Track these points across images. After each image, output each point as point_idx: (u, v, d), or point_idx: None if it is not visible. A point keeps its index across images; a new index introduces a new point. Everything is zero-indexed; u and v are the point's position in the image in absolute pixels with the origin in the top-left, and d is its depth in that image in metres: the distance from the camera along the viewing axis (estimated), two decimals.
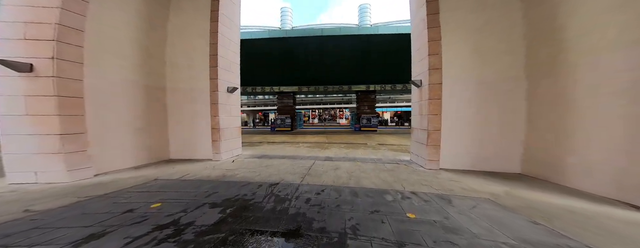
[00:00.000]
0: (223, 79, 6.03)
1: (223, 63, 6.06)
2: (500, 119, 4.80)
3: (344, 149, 8.45)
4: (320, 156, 6.96)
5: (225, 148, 6.16)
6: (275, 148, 8.60)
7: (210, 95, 5.81)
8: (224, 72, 6.07)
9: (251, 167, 5.30)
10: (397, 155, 7.09)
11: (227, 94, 6.23)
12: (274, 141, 11.42)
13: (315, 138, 13.00)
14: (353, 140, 11.57)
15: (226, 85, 6.21)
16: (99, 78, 4.52)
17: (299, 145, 9.60)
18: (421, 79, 5.39)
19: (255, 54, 15.52)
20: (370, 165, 5.57)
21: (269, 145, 9.59)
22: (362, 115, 19.84)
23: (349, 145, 9.75)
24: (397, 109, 33.87)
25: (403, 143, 10.03)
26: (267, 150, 8.09)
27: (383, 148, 8.56)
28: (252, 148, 8.75)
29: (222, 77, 5.97)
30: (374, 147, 9.12)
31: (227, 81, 6.28)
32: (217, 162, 5.74)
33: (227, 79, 6.25)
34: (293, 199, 3.32)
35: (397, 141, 11.20)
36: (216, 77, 5.79)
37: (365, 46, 14.21)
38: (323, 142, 10.75)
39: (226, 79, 6.21)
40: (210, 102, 5.79)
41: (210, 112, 5.81)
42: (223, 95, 6.02)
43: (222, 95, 5.96)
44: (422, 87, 5.38)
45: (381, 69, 16.78)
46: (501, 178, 4.39)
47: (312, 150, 8.32)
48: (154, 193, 3.49)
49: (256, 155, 6.91)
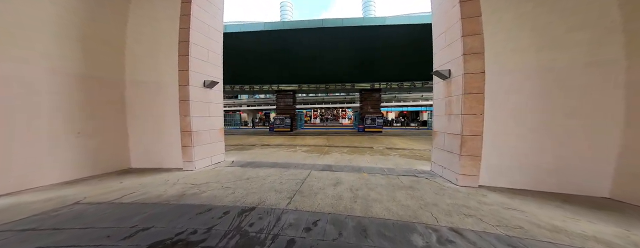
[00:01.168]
0: (197, 70, 4.86)
1: (197, 52, 4.88)
2: (577, 117, 3.38)
3: (347, 154, 7.22)
4: (319, 164, 5.75)
5: (202, 155, 4.98)
6: (267, 153, 7.40)
7: (179, 90, 4.64)
8: (198, 62, 4.90)
9: (227, 181, 4.10)
10: (411, 163, 5.84)
11: (203, 89, 5.06)
12: (269, 144, 10.24)
13: (315, 140, 11.80)
14: (357, 143, 10.33)
15: (202, 78, 5.03)
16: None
17: (295, 149, 8.40)
18: (450, 68, 4.15)
19: (251, 50, 14.40)
20: (381, 178, 4.34)
21: (262, 149, 8.40)
22: (366, 115, 18.59)
23: (352, 149, 8.52)
24: (403, 108, 32.49)
25: (415, 148, 8.76)
26: (258, 156, 6.89)
27: (393, 154, 7.31)
28: (240, 153, 7.56)
29: (195, 69, 4.79)
30: (381, 151, 7.87)
31: (203, 74, 5.10)
32: (187, 173, 4.55)
33: (203, 71, 5.07)
34: (268, 240, 2.14)
35: (407, 144, 9.94)
36: (187, 68, 4.61)
37: (370, 39, 12.96)
38: (323, 145, 9.54)
39: (201, 71, 5.04)
40: (179, 99, 4.61)
41: (180, 111, 4.63)
42: (197, 91, 4.85)
43: (195, 90, 4.78)
44: (450, 78, 4.14)
45: (388, 65, 15.52)
46: (586, 206, 2.99)
47: (310, 155, 7.10)
48: (44, 232, 2.29)
49: (241, 163, 5.72)
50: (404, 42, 12.79)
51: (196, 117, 4.78)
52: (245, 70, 17.10)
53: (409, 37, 12.31)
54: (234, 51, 14.44)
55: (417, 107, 31.15)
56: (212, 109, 5.39)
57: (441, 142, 4.40)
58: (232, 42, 13.61)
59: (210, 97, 5.27)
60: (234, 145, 9.60)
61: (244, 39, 13.31)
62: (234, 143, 10.25)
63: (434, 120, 4.80)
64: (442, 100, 4.41)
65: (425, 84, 17.15)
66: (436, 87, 4.77)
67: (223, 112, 5.87)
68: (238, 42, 13.60)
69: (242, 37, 13.19)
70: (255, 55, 14.98)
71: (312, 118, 41.81)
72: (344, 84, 18.97)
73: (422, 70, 15.57)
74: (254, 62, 15.82)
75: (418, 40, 12.39)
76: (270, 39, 13.24)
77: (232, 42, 13.61)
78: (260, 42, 13.55)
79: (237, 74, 17.68)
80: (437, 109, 4.71)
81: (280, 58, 15.29)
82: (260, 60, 15.56)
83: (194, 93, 4.73)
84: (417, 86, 17.44)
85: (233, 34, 12.97)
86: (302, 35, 12.98)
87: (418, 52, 13.53)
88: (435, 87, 4.81)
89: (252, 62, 15.86)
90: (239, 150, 8.33)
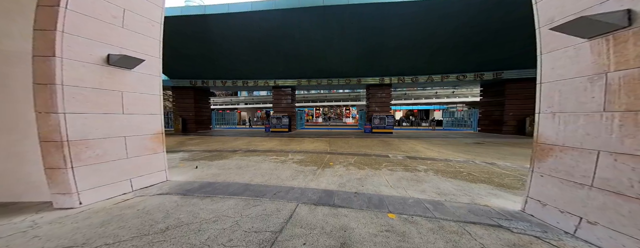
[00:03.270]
0: (86, 34, 2.70)
1: (91, 5, 2.72)
2: None
3: (355, 169, 5.02)
4: (312, 188, 3.60)
5: (103, 179, 2.84)
6: (245, 166, 5.24)
7: (33, 66, 2.46)
8: (91, 23, 2.74)
9: (116, 240, 1.94)
10: (464, 188, 3.60)
11: (104, 68, 2.90)
12: (256, 149, 8.09)
13: (315, 144, 9.61)
14: (366, 149, 8.11)
15: (102, 49, 2.87)
16: None
17: (286, 159, 6.23)
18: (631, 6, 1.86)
19: (240, 36, 12.26)
20: (429, 230, 2.22)
21: (242, 158, 6.24)
22: (373, 114, 16.34)
23: (361, 158, 6.31)
24: (413, 107, 30.05)
25: (449, 157, 6.51)
26: (227, 171, 4.74)
27: (422, 167, 5.08)
28: (207, 164, 5.39)
29: (81, 31, 2.64)
30: (403, 163, 5.63)
31: (107, 43, 2.94)
32: (56, 216, 2.41)
33: (105, 38, 2.92)
34: None
35: (433, 151, 7.68)
36: (53, 26, 2.45)
37: (381, 19, 10.69)
38: (323, 152, 7.35)
39: (102, 38, 2.88)
40: (34, 81, 2.45)
41: (35, 104, 2.47)
42: (86, 70, 2.69)
43: (80, 68, 2.63)
44: (631, 27, 1.85)
45: (401, 55, 13.22)
46: None
47: (303, 169, 4.92)
48: None
49: (189, 187, 3.56)
50: (423, 22, 10.49)
51: (82, 116, 2.63)
52: (236, 63, 14.99)
53: (429, 15, 10.00)
54: (221, 39, 12.37)
55: (429, 105, 28.73)
56: (132, 102, 3.24)
57: (576, 168, 2.13)
58: (217, 28, 11.51)
59: (124, 82, 3.12)
60: (210, 152, 7.47)
61: (231, 23, 11.17)
62: (211, 149, 8.12)
63: (543, 123, 2.52)
64: (585, 83, 2.12)
65: (446, 77, 14.79)
66: (546, 60, 2.50)
67: (162, 107, 3.72)
68: (224, 28, 11.48)
69: (228, 20, 11.05)
70: (245, 44, 12.85)
71: (315, 117, 39.65)
72: (349, 78, 16.72)
73: (445, 59, 13.21)
74: (243, 51, 13.69)
75: (443, 18, 10.08)
76: (262, 23, 11.08)
77: (217, 28, 11.51)
78: (250, 27, 11.39)
79: (226, 67, 15.60)
80: (549, 100, 2.43)
81: (276, 47, 13.12)
82: (253, 50, 13.42)
83: (75, 72, 2.58)
84: (435, 80, 15.08)
85: (215, 16, 10.85)
86: (299, 18, 10.79)
87: (440, 36, 11.20)
88: (543, 61, 2.53)
89: (242, 52, 13.73)
90: (209, 159, 6.18)
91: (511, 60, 12.72)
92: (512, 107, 13.82)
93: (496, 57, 12.65)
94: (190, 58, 14.37)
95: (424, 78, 15.27)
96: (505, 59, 12.71)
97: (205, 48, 13.25)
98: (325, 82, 17.14)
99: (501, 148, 8.36)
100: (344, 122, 37.15)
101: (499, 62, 13.05)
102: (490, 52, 12.29)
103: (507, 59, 12.65)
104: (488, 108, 16.13)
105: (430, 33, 11.09)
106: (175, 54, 13.84)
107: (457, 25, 10.52)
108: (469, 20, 10.16)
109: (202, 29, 11.55)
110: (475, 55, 12.68)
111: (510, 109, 13.86)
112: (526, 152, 7.36)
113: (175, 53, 13.66)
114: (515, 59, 12.43)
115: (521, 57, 12.18)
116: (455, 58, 13.20)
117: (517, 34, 10.41)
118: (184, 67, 15.60)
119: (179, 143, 10.06)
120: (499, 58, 12.73)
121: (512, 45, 11.44)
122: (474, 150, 7.69)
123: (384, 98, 16.76)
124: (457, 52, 12.59)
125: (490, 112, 15.75)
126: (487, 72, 13.97)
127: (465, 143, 9.75)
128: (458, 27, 10.62)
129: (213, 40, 12.52)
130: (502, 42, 11.37)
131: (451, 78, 14.72)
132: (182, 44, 12.70)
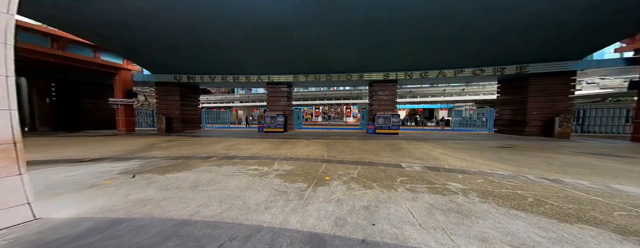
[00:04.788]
0: None
1: None
2: None
3: (360, 187, 3.44)
4: (289, 230, 2.11)
5: None
6: (204, 182, 3.66)
7: None
8: None
9: None
10: (552, 229, 1.99)
11: None
12: (236, 155, 6.54)
13: (310, 147, 8.05)
14: (371, 155, 6.53)
15: None
16: None
17: (269, 170, 4.66)
18: None
19: (228, 26, 10.65)
20: None
21: (209, 169, 4.66)
22: (377, 113, 14.77)
23: (367, 169, 4.72)
24: (418, 105, 28.40)
25: (475, 164, 4.91)
26: (167, 193, 3.16)
27: (454, 185, 3.50)
28: (148, 182, 3.78)
29: None
30: (425, 178, 4.03)
31: None
32: None
33: None
34: None
35: (454, 157, 6.08)
36: None
37: (388, 3, 9.09)
38: (318, 159, 5.78)
39: None
40: None
41: None
42: None
43: None
44: None
45: (410, 47, 11.60)
46: None
47: (287, 188, 3.35)
48: None
49: (50, 241, 1.97)
50: (436, 9, 8.87)
51: None
52: (225, 56, 13.41)
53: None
54: (207, 27, 10.64)
55: (435, 104, 27.11)
56: None
57: None
58: (204, 16, 9.83)
59: None
60: (174, 159, 5.91)
61: (218, 10, 9.55)
62: (179, 155, 6.56)
63: None
64: None
65: (460, 72, 13.18)
66: None
67: (14, 96, 2.15)
68: (209, 14, 9.85)
69: (214, 6, 9.43)
70: (235, 34, 11.24)
71: (314, 116, 38.06)
72: (350, 74, 15.14)
73: (459, 51, 11.50)
74: (232, 42, 12.08)
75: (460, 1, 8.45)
76: (255, 14, 9.48)
77: (204, 16, 9.83)
78: (240, 15, 9.79)
79: (214, 61, 14.00)
80: None
81: (270, 38, 11.52)
82: (243, 40, 11.83)
83: None
84: (448, 75, 13.47)
85: (200, 2, 9.23)
86: (295, 4, 9.19)
87: (455, 24, 9.55)
88: None
89: (232, 43, 12.13)
90: (163, 170, 4.61)
91: (539, 52, 11.08)
92: (537, 106, 12.19)
93: (520, 48, 11.03)
94: (173, 49, 12.78)
95: (435, 73, 13.65)
96: (530, 51, 11.08)
97: (191, 38, 11.65)
98: (324, 77, 15.57)
99: (540, 154, 6.77)
100: (345, 122, 35.57)
101: (522, 55, 11.42)
102: (515, 42, 10.67)
103: (533, 51, 11.03)
104: (506, 106, 14.50)
105: (444, 20, 9.48)
106: (156, 45, 12.29)
107: (475, 8, 8.90)
108: (490, 4, 8.55)
109: (185, 15, 9.96)
110: (496, 46, 11.05)
111: (534, 107, 12.23)
112: (582, 160, 5.76)
113: (156, 44, 12.10)
114: (544, 49, 10.81)
115: (550, 48, 10.58)
116: (471, 50, 11.57)
117: (550, 20, 8.82)
118: (166, 61, 14.02)
119: (146, 146, 8.50)
120: (523, 51, 11.11)
121: (544, 34, 9.83)
122: (509, 158, 6.09)
123: (389, 95, 15.17)
124: (475, 42, 10.96)
125: (509, 110, 14.12)
126: (508, 66, 12.32)
127: (489, 148, 8.15)
128: (476, 10, 9.00)
129: (199, 29, 10.93)
130: (529, 29, 9.75)
131: (466, 73, 13.10)
132: (164, 33, 11.14)
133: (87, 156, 6.26)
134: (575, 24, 9.23)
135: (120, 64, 14.61)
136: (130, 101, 14.89)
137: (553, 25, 9.40)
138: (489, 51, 11.55)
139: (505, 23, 9.50)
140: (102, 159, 5.84)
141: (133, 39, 11.71)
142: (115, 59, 14.33)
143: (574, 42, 10.33)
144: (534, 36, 10.13)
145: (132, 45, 12.46)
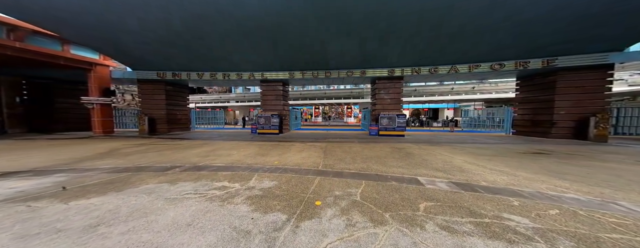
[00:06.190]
0: None
1: None
2: None
3: (366, 222, 2.00)
4: None
5: None
6: (123, 214, 2.22)
7: None
8: None
9: None
10: None
11: None
12: (208, 165, 5.16)
13: (304, 153, 6.67)
14: (378, 163, 5.10)
15: None
16: None
17: (240, 188, 3.27)
18: None
19: (215, 17, 9.27)
20: None
21: (152, 190, 3.25)
22: (381, 113, 13.42)
23: (374, 186, 3.30)
24: (424, 105, 26.90)
25: (521, 181, 3.50)
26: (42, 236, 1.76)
27: (513, 218, 2.06)
28: (34, 213, 2.36)
29: None
30: (461, 204, 2.60)
31: None
32: None
33: None
34: None
35: (484, 168, 4.65)
36: None
37: None
38: (312, 170, 4.37)
39: None
40: None
41: None
42: None
43: None
44: None
45: (419, 40, 10.19)
46: None
47: (253, 228, 1.92)
48: None
49: None
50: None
51: None
52: (213, 50, 12.03)
53: None
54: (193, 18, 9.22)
55: (441, 103, 25.64)
56: None
57: None
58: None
59: None
60: (118, 172, 4.52)
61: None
62: (131, 165, 5.18)
63: None
64: None
65: (475, 67, 11.74)
66: None
67: None
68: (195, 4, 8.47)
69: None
70: (221, 26, 9.87)
71: (314, 116, 36.68)
72: (351, 70, 13.77)
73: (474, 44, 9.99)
74: (216, 30, 10.70)
75: None
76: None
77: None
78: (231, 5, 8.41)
79: (202, 56, 12.60)
80: None
81: (262, 32, 10.14)
82: (232, 30, 10.46)
83: None
84: (460, 71, 12.04)
85: None
86: None
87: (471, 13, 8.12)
88: None
89: (215, 30, 10.75)
90: (84, 190, 3.22)
91: (569, 42, 9.62)
92: (566, 104, 10.71)
93: (547, 38, 9.58)
94: (154, 43, 11.39)
95: (446, 69, 12.21)
96: (559, 41, 9.62)
97: (172, 30, 10.26)
98: (323, 74, 14.20)
99: (596, 164, 5.34)
100: (345, 122, 34.21)
101: (550, 45, 9.96)
102: (541, 32, 9.23)
103: (563, 41, 9.57)
104: (526, 105, 13.02)
105: (457, 9, 8.06)
106: (136, 39, 10.92)
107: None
108: None
109: (164, 2, 8.59)
110: (519, 36, 9.60)
111: (563, 106, 10.75)
112: None
113: (136, 37, 10.73)
114: (575, 39, 9.36)
115: (581, 36, 9.14)
116: (489, 42, 10.13)
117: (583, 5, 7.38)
118: (148, 55, 12.65)
119: (104, 152, 7.12)
120: (550, 40, 9.65)
121: (579, 22, 8.39)
122: (562, 170, 4.67)
123: (394, 93, 13.77)
124: (493, 33, 9.52)
125: (530, 110, 12.64)
126: (533, 60, 10.84)
127: (521, 154, 6.74)
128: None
129: (182, 20, 9.56)
130: (561, 16, 8.32)
131: (483, 68, 11.66)
132: (144, 24, 9.77)
133: (11, 168, 4.88)
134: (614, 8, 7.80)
135: (96, 59, 13.20)
136: (107, 100, 13.51)
137: (584, 13, 7.96)
138: (510, 43, 10.11)
139: (530, 7, 8.07)
140: (19, 172, 4.48)
141: (99, 28, 10.20)
142: (90, 54, 12.94)
143: (613, 31, 8.89)
144: (561, 26, 8.70)
145: (101, 35, 10.83)
